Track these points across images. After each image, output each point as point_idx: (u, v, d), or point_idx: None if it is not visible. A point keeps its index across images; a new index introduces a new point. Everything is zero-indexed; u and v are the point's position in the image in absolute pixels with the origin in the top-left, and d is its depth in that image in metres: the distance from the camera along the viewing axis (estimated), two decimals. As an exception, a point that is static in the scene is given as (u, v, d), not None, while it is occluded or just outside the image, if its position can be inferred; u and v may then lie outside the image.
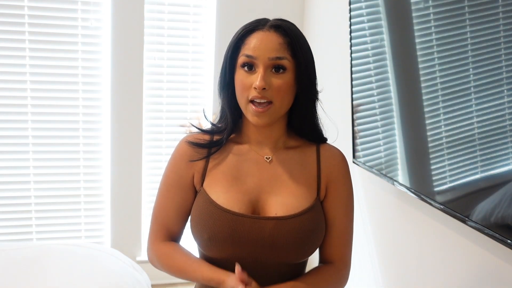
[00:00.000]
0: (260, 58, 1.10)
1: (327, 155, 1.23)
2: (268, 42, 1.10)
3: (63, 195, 3.02)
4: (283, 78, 1.11)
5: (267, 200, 1.16)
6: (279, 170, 1.19)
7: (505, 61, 1.28)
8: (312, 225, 1.16)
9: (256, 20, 1.16)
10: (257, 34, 1.11)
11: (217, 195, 1.15)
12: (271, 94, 1.10)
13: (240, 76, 1.12)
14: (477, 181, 1.44)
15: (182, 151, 1.21)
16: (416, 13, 1.66)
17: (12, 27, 2.78)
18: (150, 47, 2.97)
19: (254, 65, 1.11)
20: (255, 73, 1.10)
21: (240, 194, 1.16)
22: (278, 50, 1.10)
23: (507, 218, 1.30)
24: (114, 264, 2.32)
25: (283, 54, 1.10)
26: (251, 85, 1.10)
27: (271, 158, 1.20)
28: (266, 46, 1.09)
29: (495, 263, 1.47)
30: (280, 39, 1.11)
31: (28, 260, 2.24)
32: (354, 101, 2.17)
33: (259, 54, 1.10)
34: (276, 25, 1.12)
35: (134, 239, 3.08)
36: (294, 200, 1.16)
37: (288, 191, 1.17)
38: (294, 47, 1.12)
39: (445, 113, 1.55)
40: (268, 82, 1.09)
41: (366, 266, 2.32)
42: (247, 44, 1.11)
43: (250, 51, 1.10)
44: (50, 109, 2.91)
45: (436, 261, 1.77)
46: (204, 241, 1.14)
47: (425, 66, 1.63)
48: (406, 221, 1.97)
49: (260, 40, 1.10)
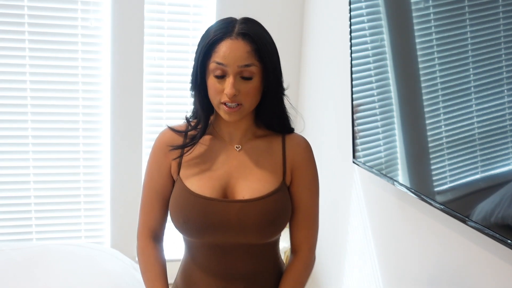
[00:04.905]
0: (229, 66, 1.18)
1: (292, 143, 1.33)
2: (237, 51, 1.18)
3: (63, 195, 3.02)
4: (251, 83, 1.21)
5: (235, 185, 1.28)
6: (247, 158, 1.30)
7: (505, 61, 1.28)
8: (276, 206, 1.26)
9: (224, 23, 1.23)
10: (226, 42, 1.19)
11: (191, 182, 1.28)
12: (240, 98, 1.21)
13: (212, 81, 1.22)
14: (477, 181, 1.44)
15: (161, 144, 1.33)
16: (416, 13, 1.66)
17: (12, 27, 2.78)
18: (150, 47, 2.97)
19: (224, 72, 1.20)
20: (226, 79, 1.20)
21: (212, 181, 1.27)
22: (246, 58, 1.19)
23: (507, 218, 1.30)
24: (114, 264, 2.32)
25: (250, 61, 1.19)
26: (222, 90, 1.20)
27: (241, 147, 1.31)
28: (235, 55, 1.18)
29: (495, 263, 1.47)
30: (248, 47, 1.19)
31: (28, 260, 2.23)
32: (354, 101, 2.17)
33: (229, 62, 1.18)
34: (244, 33, 1.19)
35: (134, 239, 3.07)
36: (260, 184, 1.27)
37: (255, 177, 1.28)
38: (261, 53, 1.20)
39: (445, 113, 1.55)
40: (237, 88, 1.19)
41: (366, 266, 2.32)
42: (217, 52, 1.19)
43: (220, 59, 1.19)
44: (50, 109, 2.91)
45: (436, 261, 1.77)
46: (180, 225, 1.28)
47: (425, 66, 1.63)
48: (406, 221, 1.97)
49: (230, 49, 1.18)
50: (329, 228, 2.78)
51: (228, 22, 1.23)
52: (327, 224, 2.81)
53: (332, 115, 2.71)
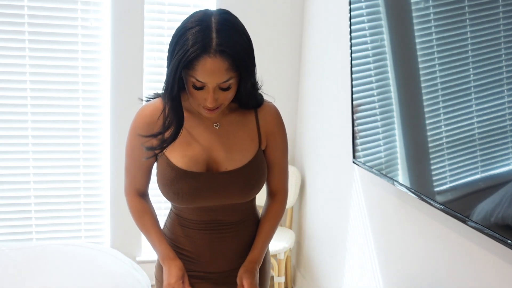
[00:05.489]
0: (209, 83, 1.25)
1: (264, 112, 1.48)
2: (217, 70, 1.23)
3: (63, 195, 3.02)
4: (230, 92, 1.31)
5: (217, 157, 1.42)
6: (226, 132, 1.43)
7: (505, 61, 1.28)
8: (256, 173, 1.45)
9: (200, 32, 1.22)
10: (204, 60, 1.22)
11: (176, 159, 1.40)
12: (219, 103, 1.31)
13: (191, 90, 1.29)
14: (477, 181, 1.44)
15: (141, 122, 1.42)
16: (416, 13, 1.66)
17: (12, 27, 2.78)
18: (150, 47, 2.97)
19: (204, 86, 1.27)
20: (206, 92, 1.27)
21: (195, 155, 1.40)
22: (224, 75, 1.25)
23: (508, 218, 1.30)
24: (114, 264, 2.32)
25: (229, 76, 1.26)
26: (202, 98, 1.29)
27: (219, 125, 1.43)
28: (214, 74, 1.24)
29: (495, 263, 1.47)
30: (226, 64, 1.23)
31: (28, 260, 2.24)
32: (354, 101, 2.17)
33: (209, 81, 1.25)
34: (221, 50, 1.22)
35: (134, 239, 3.08)
36: (240, 154, 1.43)
37: (235, 148, 1.43)
38: (238, 65, 1.26)
39: (445, 113, 1.55)
40: (217, 98, 1.29)
41: (366, 266, 2.32)
42: (196, 70, 1.23)
43: (200, 77, 1.24)
44: (50, 109, 2.91)
45: (436, 261, 1.77)
46: (171, 197, 1.43)
47: (425, 66, 1.63)
48: (406, 221, 1.97)
49: (210, 70, 1.23)
50: (329, 228, 2.78)
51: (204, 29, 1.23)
52: (327, 224, 2.81)
53: (332, 115, 2.71)
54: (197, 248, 1.50)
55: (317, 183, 2.95)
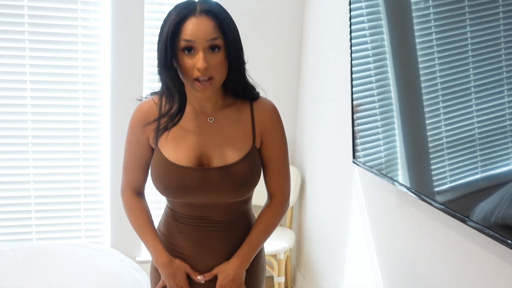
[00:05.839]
0: (198, 41, 1.27)
1: (259, 108, 1.46)
2: (203, 27, 1.27)
3: (63, 195, 3.02)
4: (219, 55, 1.30)
5: (210, 153, 1.41)
6: (220, 128, 1.43)
7: (505, 61, 1.28)
8: (248, 170, 1.41)
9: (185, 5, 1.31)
10: (191, 20, 1.28)
11: (168, 153, 1.41)
12: (211, 71, 1.30)
13: (182, 59, 1.30)
14: (478, 181, 1.44)
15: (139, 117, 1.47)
16: (416, 13, 1.66)
17: (12, 27, 2.78)
18: (150, 47, 2.97)
19: (193, 48, 1.29)
20: (195, 55, 1.28)
21: (187, 150, 1.41)
22: (212, 32, 1.28)
23: (508, 218, 1.30)
24: (114, 264, 2.32)
25: (216, 35, 1.28)
26: (193, 66, 1.29)
27: (213, 119, 1.43)
28: (202, 30, 1.27)
29: (495, 263, 1.47)
30: (212, 22, 1.28)
31: (28, 260, 2.24)
32: (354, 101, 2.17)
33: (197, 38, 1.27)
34: (207, 10, 1.29)
35: (134, 239, 3.07)
36: (232, 151, 1.41)
37: (227, 144, 1.41)
38: (223, 27, 1.30)
39: (445, 113, 1.55)
40: (208, 62, 1.28)
41: (365, 266, 2.32)
42: (184, 30, 1.28)
43: (188, 36, 1.27)
44: (50, 109, 2.91)
45: (436, 261, 1.77)
46: (161, 190, 1.43)
47: (425, 66, 1.63)
48: (406, 221, 1.97)
49: (196, 26, 1.27)
50: (329, 228, 2.78)
51: (189, 3, 1.31)
52: (327, 224, 2.81)
53: (332, 115, 2.71)
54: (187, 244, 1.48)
55: (317, 183, 2.95)
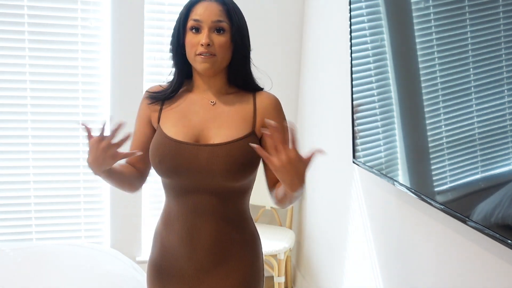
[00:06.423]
0: (205, 21, 1.39)
1: (262, 97, 1.50)
2: (211, 9, 1.40)
3: (63, 195, 3.02)
4: (223, 37, 1.40)
5: (208, 132, 1.44)
6: (221, 110, 1.47)
7: (505, 61, 1.28)
8: (243, 151, 1.40)
9: None
10: (202, 4, 1.42)
11: (168, 129, 1.46)
12: (213, 49, 1.39)
13: (189, 37, 1.41)
14: (478, 181, 1.44)
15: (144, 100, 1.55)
16: (416, 13, 1.66)
17: (12, 27, 2.78)
18: (150, 47, 2.97)
19: (200, 27, 1.40)
20: (201, 34, 1.40)
21: (186, 128, 1.44)
22: (219, 15, 1.40)
23: (508, 218, 1.30)
24: (114, 264, 2.32)
25: (222, 18, 1.40)
26: (198, 42, 1.39)
27: (215, 102, 1.48)
28: (210, 12, 1.40)
29: (495, 263, 1.47)
30: (220, 7, 1.41)
31: (28, 260, 2.23)
32: (354, 101, 2.17)
33: (204, 18, 1.39)
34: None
35: (134, 239, 3.08)
36: (230, 131, 1.43)
37: (226, 125, 1.44)
38: (231, 13, 1.41)
39: (445, 113, 1.55)
40: (211, 39, 1.39)
41: (365, 266, 2.32)
42: (194, 12, 1.41)
43: (197, 16, 1.40)
44: (50, 109, 2.91)
45: (436, 261, 1.77)
46: (156, 165, 1.44)
47: (425, 66, 1.63)
48: (406, 221, 1.97)
49: (205, 8, 1.40)
50: (329, 228, 2.78)
51: None
52: (327, 224, 2.81)
53: (332, 115, 2.71)
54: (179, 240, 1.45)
55: (317, 183, 2.95)
